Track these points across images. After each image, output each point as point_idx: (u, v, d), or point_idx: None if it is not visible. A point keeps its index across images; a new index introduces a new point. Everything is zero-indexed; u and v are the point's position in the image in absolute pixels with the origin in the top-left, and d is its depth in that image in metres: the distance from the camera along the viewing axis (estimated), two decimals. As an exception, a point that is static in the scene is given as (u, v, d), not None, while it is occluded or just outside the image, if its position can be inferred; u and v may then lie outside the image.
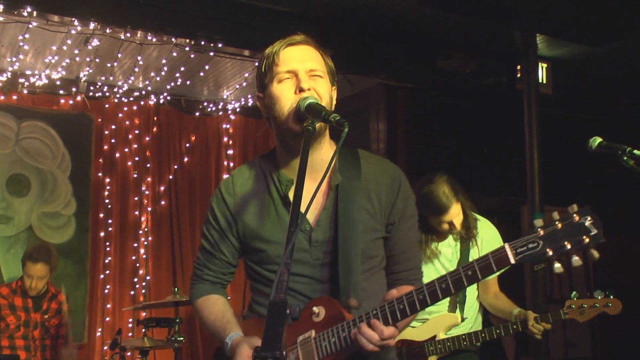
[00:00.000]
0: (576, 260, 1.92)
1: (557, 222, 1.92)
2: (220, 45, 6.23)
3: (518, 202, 7.85)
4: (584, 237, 1.89)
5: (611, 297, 3.87)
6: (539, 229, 1.93)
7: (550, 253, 1.92)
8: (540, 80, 6.69)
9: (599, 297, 3.85)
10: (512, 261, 1.95)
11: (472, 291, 4.00)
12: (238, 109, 8.30)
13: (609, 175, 8.61)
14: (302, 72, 2.25)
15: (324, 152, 2.34)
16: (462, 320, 3.89)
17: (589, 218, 1.90)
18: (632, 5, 6.19)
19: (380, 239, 2.37)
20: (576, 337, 7.94)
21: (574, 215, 1.91)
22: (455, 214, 3.86)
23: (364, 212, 2.30)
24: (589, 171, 8.60)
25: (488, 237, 4.02)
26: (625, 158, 3.12)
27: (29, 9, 5.44)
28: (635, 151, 3.10)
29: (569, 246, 1.90)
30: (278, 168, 2.35)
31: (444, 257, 4.01)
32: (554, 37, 6.50)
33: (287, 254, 1.62)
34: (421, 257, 3.98)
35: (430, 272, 4.00)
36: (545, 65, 7.18)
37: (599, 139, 3.25)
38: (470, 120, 7.81)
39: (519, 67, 7.37)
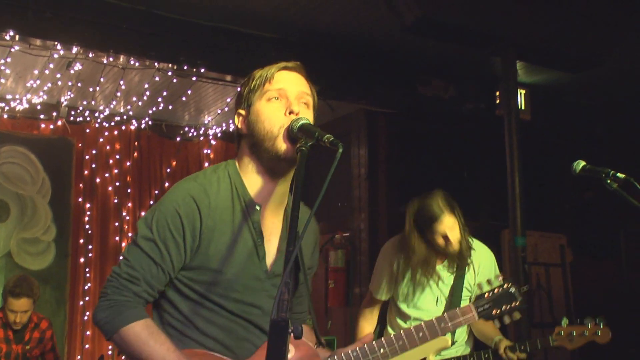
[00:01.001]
0: (507, 318, 2.81)
1: (496, 289, 2.84)
2: (202, 70, 6.23)
3: (498, 226, 7.90)
4: (515, 302, 2.82)
5: (601, 325, 3.81)
6: (486, 293, 2.82)
7: (495, 313, 2.80)
8: (518, 106, 6.76)
9: (589, 325, 3.79)
10: (476, 318, 2.75)
11: None
12: (219, 134, 8.32)
13: (587, 200, 8.74)
14: (293, 95, 2.24)
15: (288, 187, 2.32)
16: (452, 343, 3.86)
17: (514, 288, 2.85)
18: (608, 33, 6.31)
19: None
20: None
21: (505, 284, 2.85)
22: (449, 225, 3.82)
23: (305, 254, 2.41)
24: (566, 196, 8.70)
25: (485, 262, 4.00)
26: (608, 181, 3.13)
27: (11, 33, 5.40)
28: (619, 174, 3.12)
29: (506, 308, 2.81)
30: (245, 189, 2.25)
31: (441, 280, 3.99)
32: (533, 64, 6.59)
33: (286, 274, 1.58)
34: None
35: (427, 296, 3.99)
36: (523, 91, 7.28)
37: (582, 163, 3.24)
38: (450, 145, 7.87)
39: (497, 93, 7.49)
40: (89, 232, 7.57)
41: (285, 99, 2.23)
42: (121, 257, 2.16)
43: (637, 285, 8.56)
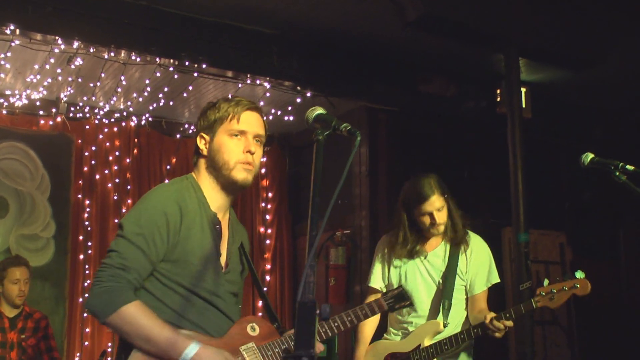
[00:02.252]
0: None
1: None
2: (204, 66, 6.21)
3: (498, 224, 7.89)
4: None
5: (580, 277, 3.73)
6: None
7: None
8: (521, 103, 6.75)
9: (567, 280, 3.72)
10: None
11: (459, 301, 4.01)
12: (219, 132, 8.26)
13: (586, 199, 8.74)
14: (251, 136, 2.66)
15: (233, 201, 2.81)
16: (445, 325, 3.88)
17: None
18: (610, 32, 6.32)
19: None
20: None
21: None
22: (436, 206, 3.89)
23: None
24: (566, 195, 8.70)
25: (479, 253, 4.05)
26: (617, 173, 3.12)
27: (11, 27, 5.37)
28: (628, 166, 3.11)
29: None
30: (205, 198, 2.65)
31: (433, 268, 4.02)
32: (536, 62, 6.58)
33: (311, 258, 1.64)
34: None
35: (419, 284, 4.01)
36: (524, 89, 7.26)
37: (591, 155, 3.24)
38: (450, 144, 7.87)
39: (498, 92, 7.47)
40: (89, 228, 7.51)
41: (244, 138, 2.65)
42: (110, 251, 2.46)
43: (636, 283, 8.57)
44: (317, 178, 1.92)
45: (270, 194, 8.59)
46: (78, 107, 7.45)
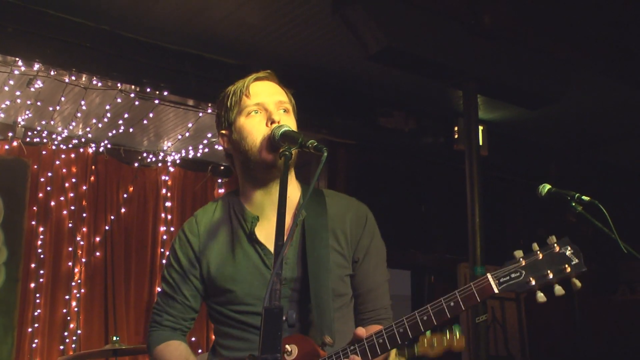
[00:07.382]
0: (558, 289, 1.94)
1: (538, 252, 1.98)
2: (165, 93, 6.20)
3: (454, 260, 7.96)
4: (566, 266, 1.95)
5: (458, 334, 4.19)
6: (521, 259, 1.97)
7: (533, 282, 1.95)
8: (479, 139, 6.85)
9: (447, 334, 4.18)
10: (496, 290, 1.97)
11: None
12: (178, 161, 8.24)
13: (540, 236, 8.88)
14: (272, 105, 2.28)
15: (290, 188, 2.26)
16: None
17: (569, 248, 1.98)
18: (565, 72, 6.49)
19: (347, 276, 2.33)
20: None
21: (555, 245, 1.99)
22: None
23: (331, 249, 2.28)
24: (520, 232, 8.83)
25: None
26: (573, 204, 3.18)
27: (-30, 48, 5.32)
28: (584, 197, 3.17)
29: (551, 275, 1.95)
30: (242, 205, 2.32)
31: None
32: (494, 98, 6.71)
33: (277, 265, 1.62)
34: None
35: None
36: (481, 127, 7.40)
37: (548, 186, 3.28)
38: (408, 179, 7.95)
39: (456, 129, 7.60)
40: (41, 256, 7.35)
41: (264, 110, 2.27)
42: None
43: (589, 319, 8.69)
44: (284, 191, 1.92)
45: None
46: (35, 132, 7.35)
